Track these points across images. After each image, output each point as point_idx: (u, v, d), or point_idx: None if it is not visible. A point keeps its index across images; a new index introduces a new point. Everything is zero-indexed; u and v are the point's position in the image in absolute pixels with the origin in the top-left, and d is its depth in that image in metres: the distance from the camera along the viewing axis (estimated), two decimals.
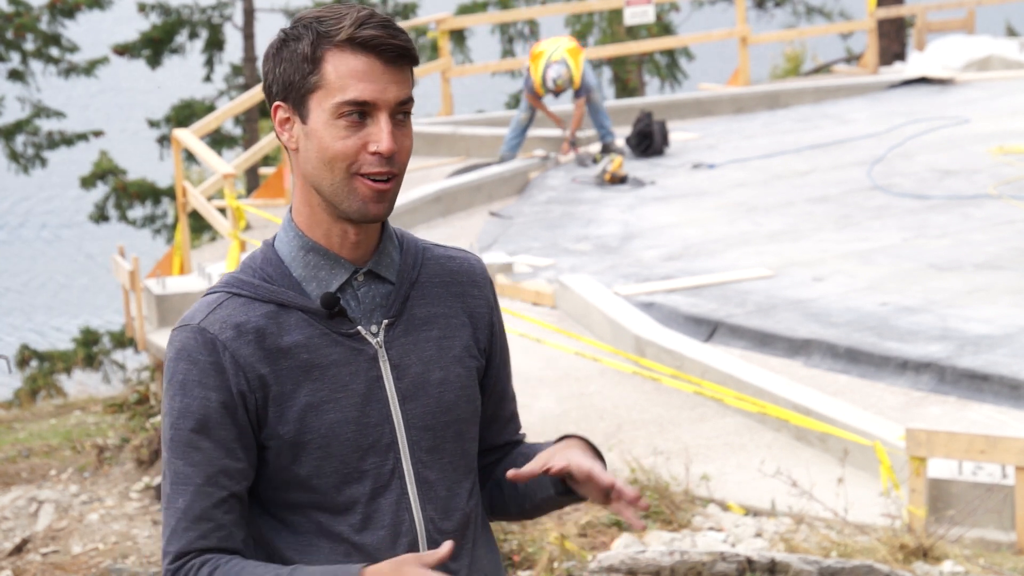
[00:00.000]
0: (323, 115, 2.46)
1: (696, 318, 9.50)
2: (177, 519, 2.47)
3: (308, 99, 2.47)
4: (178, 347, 2.51)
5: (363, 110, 2.45)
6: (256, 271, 2.53)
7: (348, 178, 2.46)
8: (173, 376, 2.50)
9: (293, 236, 2.54)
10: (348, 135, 2.45)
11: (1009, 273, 10.14)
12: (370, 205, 2.47)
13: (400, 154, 2.49)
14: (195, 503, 2.47)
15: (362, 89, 2.44)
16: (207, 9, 22.47)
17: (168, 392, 2.50)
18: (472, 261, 2.68)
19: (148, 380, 11.08)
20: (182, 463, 2.48)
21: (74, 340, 20.17)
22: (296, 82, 2.47)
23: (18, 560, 8.16)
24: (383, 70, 2.45)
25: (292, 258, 2.53)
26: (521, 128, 14.62)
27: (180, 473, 2.48)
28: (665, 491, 7.16)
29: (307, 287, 2.52)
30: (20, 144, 22.38)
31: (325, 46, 2.45)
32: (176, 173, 12.70)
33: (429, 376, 2.56)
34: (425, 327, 2.58)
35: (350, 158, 2.45)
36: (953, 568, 6.24)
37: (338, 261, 2.52)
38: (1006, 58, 19.03)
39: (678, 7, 25.70)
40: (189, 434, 2.48)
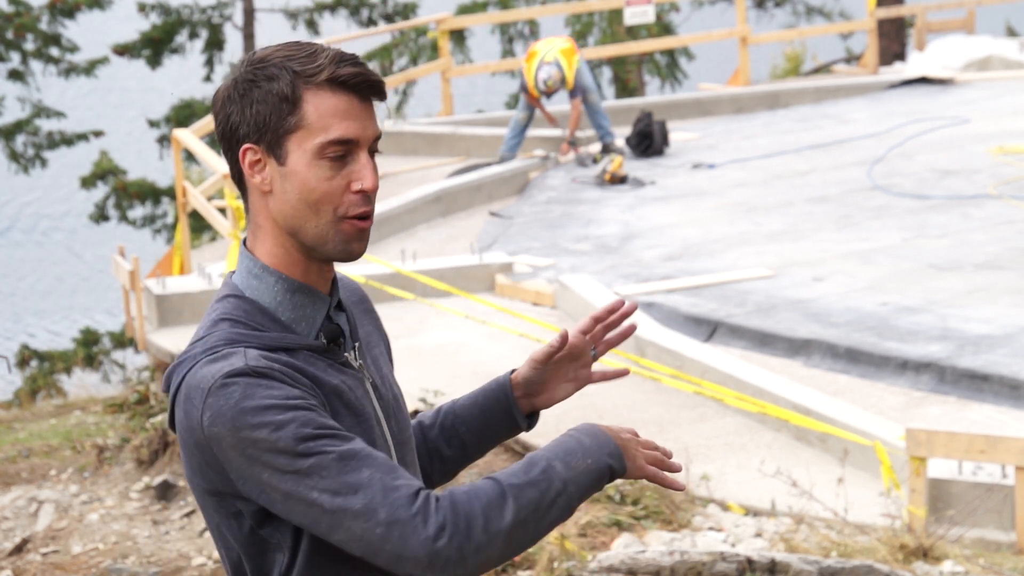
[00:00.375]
0: (304, 156, 2.43)
1: (696, 318, 9.50)
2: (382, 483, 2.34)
3: (286, 140, 2.44)
4: (240, 393, 2.35)
5: (346, 149, 2.44)
6: (246, 323, 2.48)
7: (335, 221, 2.45)
8: (257, 407, 2.35)
9: (275, 280, 2.49)
10: (332, 175, 2.43)
11: (1009, 273, 10.14)
12: (354, 245, 2.47)
13: (374, 191, 2.49)
14: (376, 458, 2.37)
15: (346, 127, 2.42)
16: (207, 9, 22.47)
17: (261, 423, 2.34)
18: (349, 278, 2.72)
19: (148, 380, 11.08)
20: (335, 450, 2.34)
21: (74, 340, 20.16)
22: (272, 123, 2.43)
23: (18, 560, 8.16)
24: (360, 108, 2.45)
25: (277, 303, 2.49)
26: (520, 128, 14.61)
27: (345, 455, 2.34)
28: (665, 491, 7.17)
29: (297, 328, 2.50)
30: (20, 144, 22.38)
31: (304, 86, 2.42)
32: (176, 173, 12.70)
33: (392, 393, 2.63)
34: (371, 348, 2.64)
35: (336, 200, 2.44)
36: (953, 568, 6.24)
37: (318, 296, 2.52)
38: (1006, 58, 19.03)
39: (678, 7, 25.69)
40: (322, 425, 2.36)
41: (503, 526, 2.35)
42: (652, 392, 8.65)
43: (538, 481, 2.39)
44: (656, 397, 8.59)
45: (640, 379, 8.75)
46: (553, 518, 2.40)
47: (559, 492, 2.39)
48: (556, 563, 6.58)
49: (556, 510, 2.40)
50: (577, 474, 2.42)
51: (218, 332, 2.45)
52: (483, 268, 10.87)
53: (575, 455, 2.43)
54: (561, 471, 2.40)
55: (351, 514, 2.33)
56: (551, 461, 2.41)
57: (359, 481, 2.33)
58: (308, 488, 2.34)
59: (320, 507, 2.34)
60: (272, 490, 2.36)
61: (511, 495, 2.36)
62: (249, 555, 2.49)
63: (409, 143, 16.08)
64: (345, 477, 2.34)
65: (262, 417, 2.33)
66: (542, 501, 2.38)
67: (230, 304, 2.49)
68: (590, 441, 2.46)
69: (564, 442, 2.45)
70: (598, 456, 2.44)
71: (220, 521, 2.49)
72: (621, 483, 7.32)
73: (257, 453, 2.34)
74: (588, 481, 2.43)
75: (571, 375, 2.79)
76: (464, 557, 2.33)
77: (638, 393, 8.66)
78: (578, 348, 2.77)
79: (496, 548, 2.35)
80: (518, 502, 2.36)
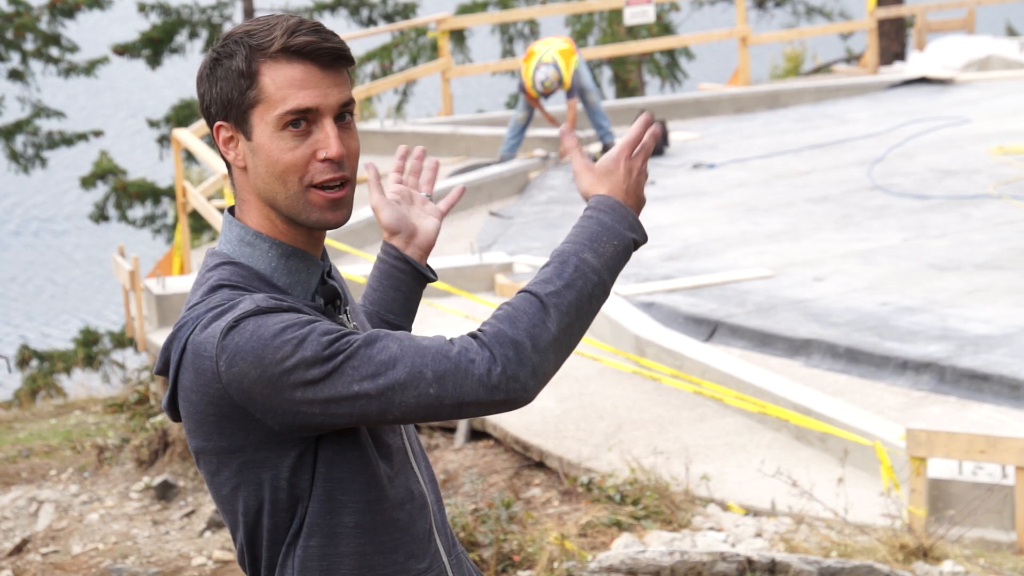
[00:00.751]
0: (267, 129, 2.45)
1: (696, 318, 9.50)
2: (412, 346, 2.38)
3: (249, 115, 2.46)
4: (253, 328, 2.37)
5: (307, 117, 2.44)
6: (244, 288, 2.48)
7: (302, 191, 2.46)
8: (274, 333, 2.36)
9: (269, 246, 2.51)
10: (296, 145, 2.44)
11: (1009, 273, 10.14)
12: (328, 214, 2.48)
13: (349, 157, 2.49)
14: (396, 333, 2.41)
15: (303, 96, 2.43)
16: (207, 9, 22.47)
17: (283, 344, 2.35)
18: None
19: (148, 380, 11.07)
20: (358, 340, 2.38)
21: (74, 340, 20.16)
22: (235, 99, 2.46)
23: (18, 560, 8.16)
24: (321, 75, 2.44)
25: (273, 268, 2.51)
26: (519, 128, 14.61)
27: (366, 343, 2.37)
28: (665, 491, 7.16)
29: (292, 293, 2.51)
30: (20, 144, 22.37)
31: (259, 59, 2.43)
32: (176, 173, 12.70)
33: None
34: (357, 314, 2.68)
35: (301, 169, 2.45)
36: (953, 568, 6.24)
37: (313, 260, 2.55)
38: (1006, 58, 19.03)
39: (678, 7, 25.69)
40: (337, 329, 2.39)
41: (551, 338, 2.40)
42: (652, 392, 8.65)
43: (574, 281, 2.44)
44: (656, 397, 8.59)
45: (640, 379, 8.75)
46: (595, 308, 2.47)
47: (595, 284, 2.46)
48: (556, 563, 6.58)
49: (596, 301, 2.47)
50: (607, 259, 2.48)
51: (219, 296, 2.45)
52: (483, 268, 10.87)
53: (601, 240, 2.49)
54: (593, 261, 2.47)
55: (399, 387, 2.36)
56: (581, 254, 2.47)
57: (392, 356, 2.37)
58: (347, 384, 2.36)
59: (367, 396, 2.36)
60: (308, 405, 2.37)
61: (551, 305, 2.41)
62: (266, 512, 2.48)
63: (409, 143, 16.04)
64: (378, 358, 2.37)
65: (282, 338, 2.35)
66: (582, 298, 2.44)
67: (226, 271, 2.49)
68: (611, 218, 2.51)
69: (586, 227, 2.50)
70: (622, 234, 2.50)
71: (239, 482, 2.47)
72: (621, 483, 7.31)
73: (286, 376, 2.35)
74: (616, 262, 2.50)
75: (422, 212, 2.88)
76: (523, 382, 2.37)
77: (638, 393, 8.66)
78: (404, 191, 2.88)
79: (551, 360, 2.41)
80: (559, 310, 2.41)
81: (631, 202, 2.56)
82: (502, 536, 6.87)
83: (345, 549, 2.49)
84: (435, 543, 2.59)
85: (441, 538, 2.62)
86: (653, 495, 7.14)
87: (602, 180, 2.56)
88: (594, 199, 2.54)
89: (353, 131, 2.50)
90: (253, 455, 2.44)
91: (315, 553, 2.49)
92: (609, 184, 2.55)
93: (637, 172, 2.57)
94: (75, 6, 21.62)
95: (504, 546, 6.83)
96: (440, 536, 2.61)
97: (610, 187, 2.55)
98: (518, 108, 14.61)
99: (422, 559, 2.55)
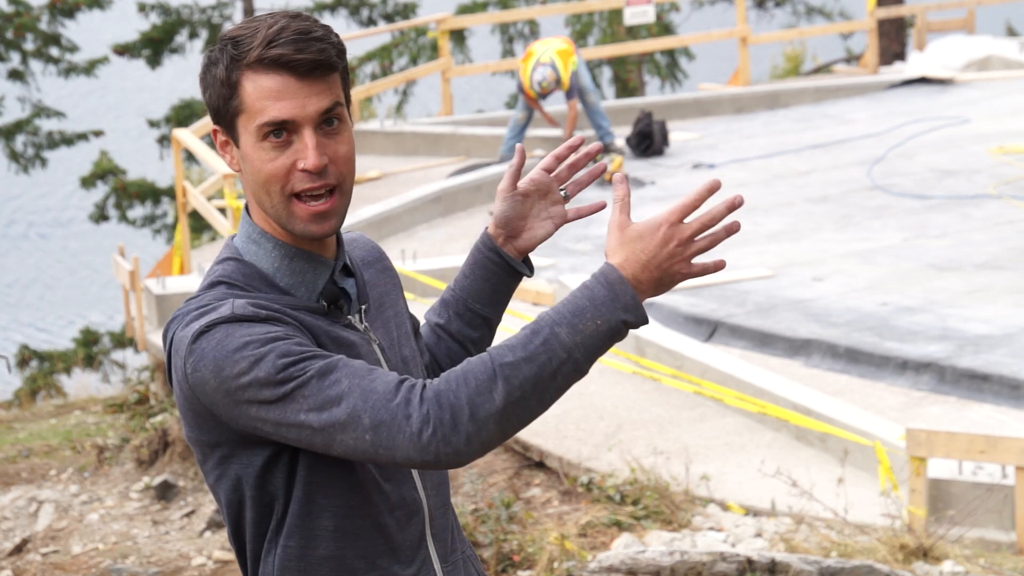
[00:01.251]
0: (250, 138, 2.43)
1: (696, 318, 9.50)
2: (359, 386, 2.32)
3: (235, 123, 2.45)
4: (220, 336, 2.36)
5: (286, 128, 2.41)
6: (243, 286, 2.48)
7: (285, 200, 2.44)
8: (236, 347, 2.34)
9: (272, 247, 2.50)
10: (276, 156, 2.42)
11: (1009, 273, 10.14)
12: (312, 226, 2.46)
13: (337, 163, 2.45)
14: (354, 366, 2.35)
15: (279, 108, 2.40)
16: (207, 9, 22.47)
17: (241, 359, 2.33)
18: (366, 237, 2.74)
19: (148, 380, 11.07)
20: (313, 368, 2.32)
21: (74, 340, 20.16)
22: (220, 107, 2.45)
23: (18, 560, 8.15)
24: (299, 85, 2.41)
25: (276, 268, 2.50)
26: (519, 128, 14.60)
27: (326, 370, 2.32)
28: (665, 491, 7.16)
29: (296, 293, 2.50)
30: (20, 144, 22.36)
31: (239, 69, 2.41)
32: (176, 173, 12.70)
33: (403, 353, 2.61)
34: (383, 309, 2.62)
35: (282, 179, 2.43)
36: (953, 568, 6.24)
37: (320, 260, 2.52)
38: (1006, 58, 19.03)
39: (678, 7, 25.69)
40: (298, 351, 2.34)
41: (493, 410, 2.28)
42: (652, 392, 8.65)
43: (536, 355, 2.29)
44: (656, 397, 8.59)
45: (640, 379, 8.75)
46: (560, 385, 2.31)
47: (563, 361, 2.29)
48: (556, 563, 6.58)
49: (562, 378, 2.31)
50: (585, 338, 2.30)
51: (213, 293, 2.46)
52: None
53: (584, 316, 2.29)
54: (566, 338, 2.29)
55: (339, 426, 2.32)
56: (555, 327, 2.29)
57: (340, 393, 2.32)
58: (295, 412, 2.33)
59: (310, 427, 2.33)
60: (262, 422, 2.36)
61: (501, 376, 2.28)
62: (247, 507, 2.50)
63: (409, 143, 16.07)
64: (326, 392, 2.32)
65: (241, 353, 2.34)
66: (542, 375, 2.29)
67: (229, 267, 2.50)
68: (605, 294, 2.30)
69: (575, 299, 2.32)
70: (610, 314, 2.30)
71: (221, 473, 2.50)
72: (621, 483, 7.31)
73: (240, 392, 2.35)
74: (598, 343, 2.30)
75: (545, 213, 2.71)
76: (455, 447, 2.28)
77: (638, 393, 8.66)
78: (544, 184, 2.70)
79: (491, 431, 2.29)
80: (510, 383, 2.28)
81: (650, 277, 2.32)
82: (502, 536, 6.87)
83: (324, 552, 2.49)
84: (427, 549, 2.57)
85: (437, 544, 2.59)
86: (653, 495, 7.14)
87: (624, 245, 2.33)
88: (604, 265, 2.34)
89: (343, 135, 2.46)
90: (231, 450, 2.46)
91: (294, 553, 2.49)
92: (628, 252, 2.32)
93: (678, 243, 2.32)
94: (75, 6, 21.61)
95: (504, 546, 6.83)
96: (436, 542, 2.59)
97: (627, 256, 2.32)
98: (517, 108, 14.60)
99: (408, 565, 2.53)
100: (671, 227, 2.32)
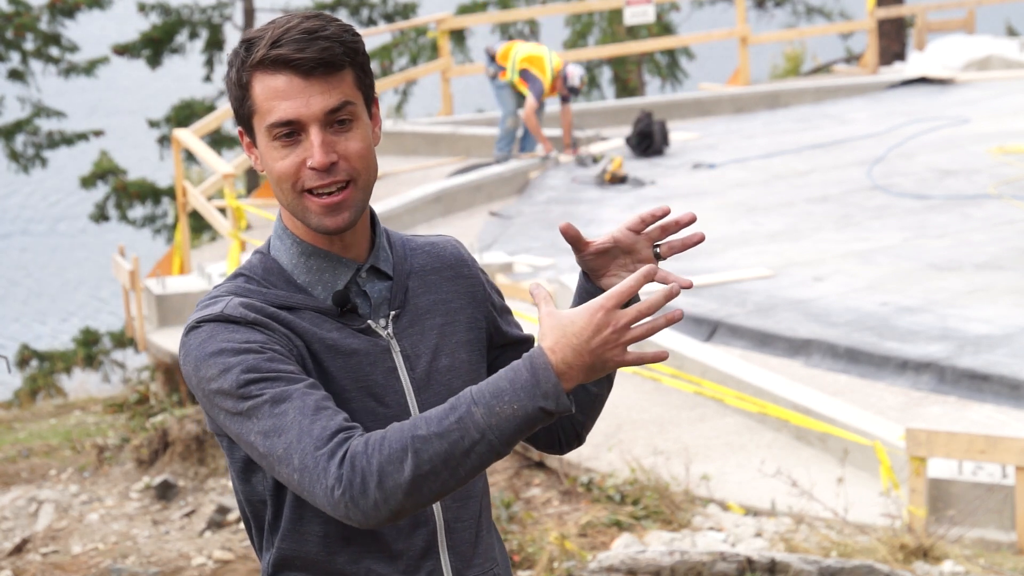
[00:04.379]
0: (263, 138, 2.47)
1: (696, 318, 9.50)
2: (299, 428, 2.33)
3: (251, 123, 2.49)
4: (206, 334, 2.42)
5: (293, 128, 2.44)
6: (260, 280, 2.52)
7: (297, 196, 2.47)
8: (215, 355, 2.39)
9: (292, 243, 2.54)
10: (286, 154, 2.45)
11: (1009, 273, 10.14)
12: (325, 219, 2.47)
13: (348, 160, 2.46)
14: (306, 403, 2.35)
15: (284, 108, 2.42)
16: (207, 9, 22.46)
17: (217, 365, 2.39)
18: (453, 243, 2.73)
19: (148, 380, 11.08)
20: (273, 390, 2.36)
21: (74, 340, 20.16)
22: (238, 109, 2.50)
23: (18, 560, 8.15)
24: (304, 84, 2.43)
25: (294, 265, 2.53)
26: (510, 136, 14.56)
27: (277, 399, 2.35)
28: (665, 491, 7.17)
29: (313, 291, 2.52)
30: (20, 144, 22.36)
31: (249, 71, 2.45)
32: (176, 173, 12.70)
33: (437, 364, 2.58)
34: (428, 316, 2.60)
35: (292, 177, 2.45)
36: (953, 568, 6.24)
37: (340, 261, 2.53)
38: (1006, 58, 19.03)
39: (678, 7, 25.70)
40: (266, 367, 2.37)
41: (402, 481, 2.27)
42: (652, 392, 8.65)
43: (449, 432, 2.27)
44: (656, 397, 8.59)
45: (640, 379, 8.76)
46: (475, 463, 2.29)
47: (476, 441, 2.26)
48: (556, 563, 6.58)
49: (476, 457, 2.28)
50: (501, 420, 2.26)
51: (228, 284, 2.52)
52: (483, 268, 10.88)
53: (502, 398, 2.26)
54: (481, 419, 2.26)
55: (276, 458, 2.35)
56: (472, 406, 2.26)
57: (284, 424, 2.34)
58: (248, 430, 2.37)
59: (257, 450, 2.37)
60: (228, 429, 2.43)
61: (411, 450, 2.27)
62: (246, 500, 2.56)
63: (409, 143, 16.08)
64: (274, 420, 2.35)
65: (215, 359, 2.39)
66: (453, 452, 2.27)
67: (254, 260, 2.56)
68: (527, 378, 2.26)
69: (499, 379, 2.28)
70: (528, 400, 2.26)
71: (231, 462, 2.56)
72: (621, 483, 7.31)
73: (211, 395, 2.41)
74: (513, 427, 2.26)
75: (631, 266, 2.70)
76: (364, 511, 2.29)
77: (638, 393, 8.66)
78: (626, 243, 2.68)
79: (398, 500, 2.29)
80: (419, 456, 2.27)
81: (581, 363, 2.27)
82: (502, 536, 6.87)
83: (315, 555, 2.52)
84: (438, 560, 2.56)
85: (453, 556, 2.57)
86: (653, 495, 7.14)
87: (556, 329, 2.28)
88: (535, 347, 2.29)
89: (355, 132, 2.47)
90: (230, 440, 2.51)
91: (286, 555, 2.53)
92: (559, 336, 2.27)
93: (613, 330, 2.27)
94: (75, 6, 21.60)
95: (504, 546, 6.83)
96: (452, 555, 2.57)
97: (559, 339, 2.27)
98: (506, 114, 14.50)
99: (412, 573, 2.53)
100: (606, 313, 2.28)
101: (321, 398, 2.36)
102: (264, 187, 15.83)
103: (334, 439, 2.31)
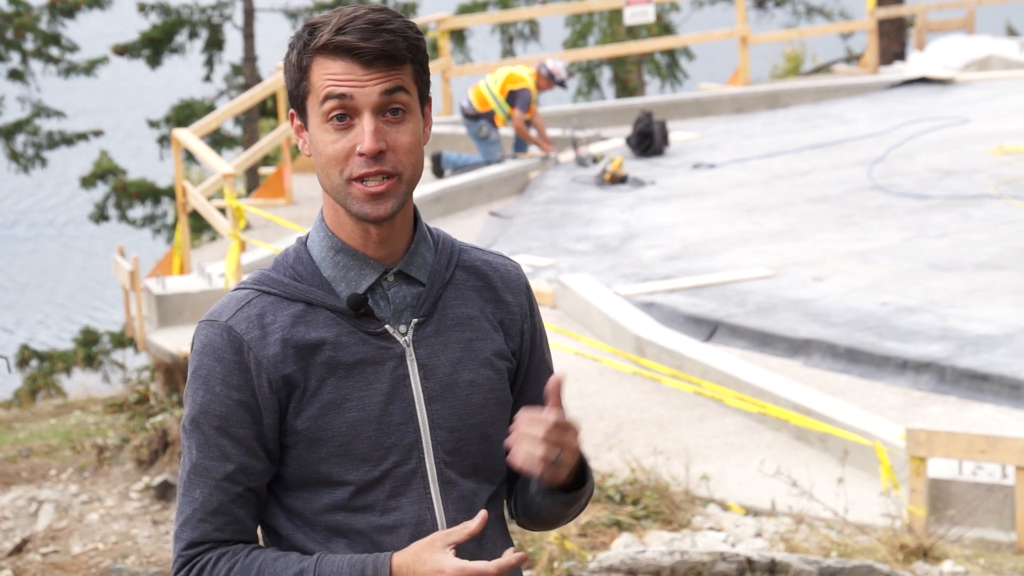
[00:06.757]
0: (316, 120, 2.49)
1: (696, 318, 9.50)
2: (193, 509, 2.50)
3: (305, 106, 2.50)
4: (204, 342, 2.52)
5: (345, 110, 2.46)
6: (287, 269, 2.55)
7: (345, 183, 2.48)
8: (198, 370, 2.51)
9: (323, 236, 2.56)
10: (337, 138, 2.47)
11: (1009, 273, 10.14)
12: (367, 207, 2.48)
13: (397, 152, 2.48)
14: (213, 496, 2.50)
15: (341, 86, 2.45)
16: (207, 9, 22.46)
17: (192, 384, 2.52)
18: (510, 267, 2.69)
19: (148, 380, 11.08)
20: (202, 456, 2.51)
21: (74, 340, 20.16)
22: (293, 91, 2.52)
23: (18, 560, 8.15)
24: (363, 71, 2.45)
25: (322, 258, 2.55)
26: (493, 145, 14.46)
27: (199, 465, 2.51)
28: (665, 491, 7.16)
29: (337, 287, 2.53)
30: (20, 144, 22.36)
31: (310, 54, 2.47)
32: (176, 173, 12.70)
33: (457, 377, 2.56)
34: (457, 328, 2.58)
35: (341, 162, 2.47)
36: (953, 568, 6.24)
37: (367, 262, 2.54)
38: (1006, 58, 19.03)
39: (678, 7, 25.70)
40: (211, 430, 2.50)
41: None
42: (652, 392, 8.65)
43: None
44: (656, 397, 8.59)
45: (640, 379, 8.75)
46: None
47: None
48: (556, 563, 6.58)
49: None
50: None
51: (263, 270, 2.58)
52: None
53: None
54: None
55: (179, 499, 2.55)
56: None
57: (191, 497, 2.52)
58: (183, 446, 2.55)
59: (181, 482, 2.56)
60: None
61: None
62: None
63: None
64: (188, 481, 2.53)
65: (194, 375, 2.52)
66: None
67: (293, 247, 2.60)
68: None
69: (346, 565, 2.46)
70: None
71: None
72: (621, 483, 7.31)
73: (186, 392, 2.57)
74: None
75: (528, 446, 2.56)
76: None
77: (638, 393, 8.66)
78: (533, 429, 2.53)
79: None
80: None
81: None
82: None
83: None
84: None
85: None
86: (653, 495, 7.14)
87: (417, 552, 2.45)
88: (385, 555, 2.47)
89: (406, 125, 2.49)
90: None
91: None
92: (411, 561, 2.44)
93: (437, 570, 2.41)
94: (75, 6, 21.61)
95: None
96: None
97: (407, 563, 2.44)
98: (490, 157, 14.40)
99: None
100: (439, 552, 2.42)
101: (234, 496, 2.51)
102: (264, 187, 15.82)
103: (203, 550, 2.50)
